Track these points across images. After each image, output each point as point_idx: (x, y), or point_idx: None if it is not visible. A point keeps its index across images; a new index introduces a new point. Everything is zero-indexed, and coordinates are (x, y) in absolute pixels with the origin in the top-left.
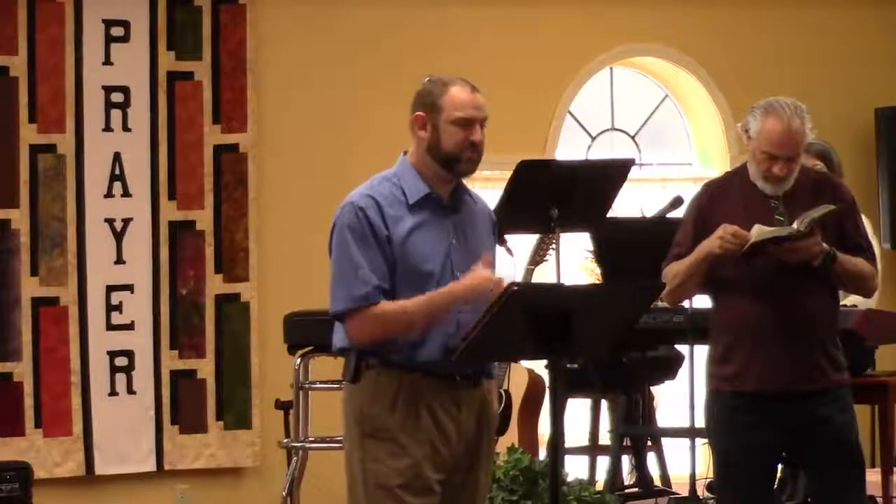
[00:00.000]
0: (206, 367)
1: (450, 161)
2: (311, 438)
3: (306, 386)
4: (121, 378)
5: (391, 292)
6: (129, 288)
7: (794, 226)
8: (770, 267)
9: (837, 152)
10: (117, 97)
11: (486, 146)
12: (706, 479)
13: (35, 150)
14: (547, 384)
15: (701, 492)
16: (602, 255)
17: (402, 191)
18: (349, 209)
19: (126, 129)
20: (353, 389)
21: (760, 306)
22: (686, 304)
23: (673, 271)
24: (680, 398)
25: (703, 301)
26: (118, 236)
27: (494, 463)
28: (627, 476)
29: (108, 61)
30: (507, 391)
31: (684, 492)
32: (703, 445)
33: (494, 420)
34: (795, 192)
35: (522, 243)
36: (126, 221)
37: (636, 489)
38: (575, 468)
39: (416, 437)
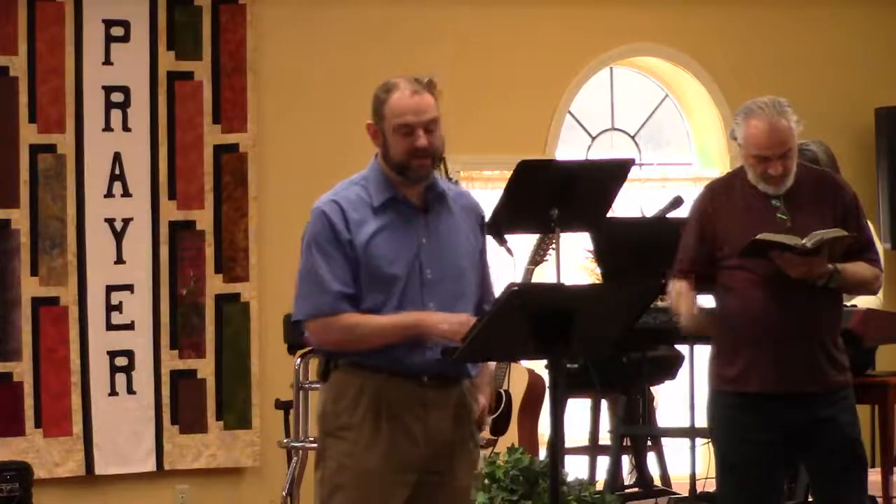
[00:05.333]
0: (206, 367)
1: (400, 169)
2: (311, 438)
3: (306, 386)
4: (121, 378)
5: (357, 296)
6: (129, 288)
7: (802, 241)
8: (773, 268)
9: (832, 150)
10: (117, 97)
11: (486, 146)
12: (706, 478)
13: (35, 150)
14: (547, 384)
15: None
16: (602, 255)
17: (368, 193)
18: (314, 215)
19: (126, 129)
20: (322, 388)
21: (763, 307)
22: None
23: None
24: (680, 398)
25: (703, 301)
26: (118, 236)
27: (494, 463)
28: (627, 476)
29: (108, 61)
30: (507, 391)
31: (684, 492)
32: (703, 445)
33: (473, 420)
34: (797, 190)
35: (522, 243)
36: (126, 221)
37: (636, 489)
38: (575, 468)
39: (374, 438)
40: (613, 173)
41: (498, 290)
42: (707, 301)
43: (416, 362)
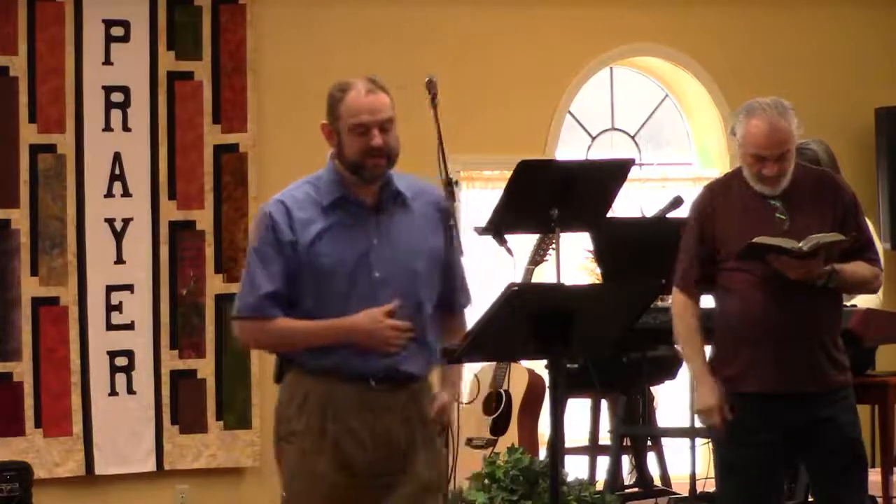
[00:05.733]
0: (206, 367)
1: (355, 168)
2: None
3: None
4: (121, 378)
5: (292, 297)
6: (129, 288)
7: (799, 245)
8: (772, 269)
9: (832, 151)
10: (117, 97)
11: (486, 146)
12: (706, 478)
13: (35, 150)
14: (547, 384)
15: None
16: (602, 255)
17: (319, 192)
18: (258, 216)
19: (126, 129)
20: (278, 390)
21: (762, 307)
22: None
23: (678, 325)
24: (680, 398)
25: (703, 301)
26: (118, 236)
27: (494, 463)
28: (627, 476)
29: (108, 61)
30: (507, 391)
31: (684, 492)
32: (703, 445)
33: (426, 420)
34: (796, 190)
35: (522, 243)
36: (126, 221)
37: (636, 489)
38: (575, 468)
39: (320, 444)
40: (613, 173)
41: (498, 290)
42: (707, 301)
43: (364, 366)
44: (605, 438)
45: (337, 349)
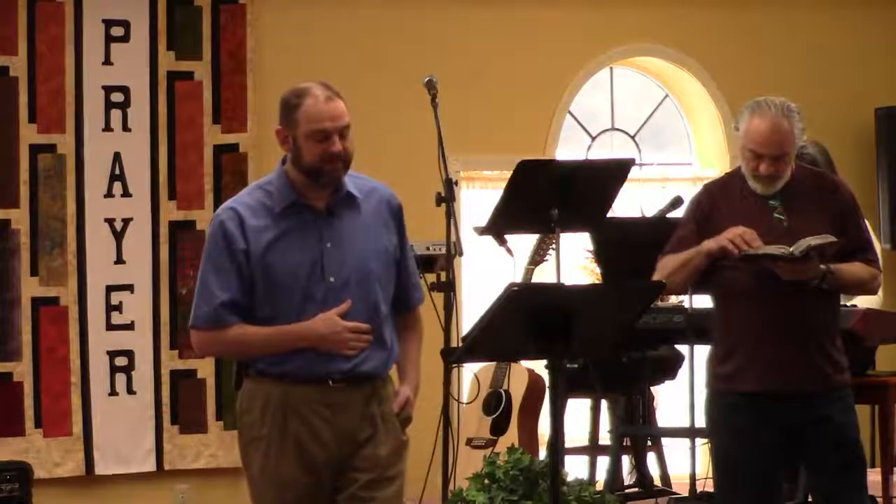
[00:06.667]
0: (206, 367)
1: (313, 174)
2: None
3: None
4: (121, 378)
5: (247, 305)
6: (129, 288)
7: (791, 249)
8: (769, 269)
9: (829, 152)
10: (117, 97)
11: (486, 146)
12: (706, 478)
13: (35, 150)
14: (547, 384)
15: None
16: (602, 255)
17: (271, 199)
18: (212, 224)
19: (126, 129)
20: (237, 397)
21: (761, 306)
22: (686, 304)
23: (668, 262)
24: (680, 398)
25: (703, 301)
26: (118, 236)
27: (494, 463)
28: (627, 476)
29: (108, 61)
30: (507, 391)
31: (684, 492)
32: (703, 445)
33: (388, 415)
34: (795, 190)
35: (522, 243)
36: (126, 221)
37: (636, 489)
38: (575, 468)
39: (283, 446)
40: (613, 173)
41: (498, 290)
42: (704, 301)
43: (323, 368)
44: (605, 438)
45: (293, 354)
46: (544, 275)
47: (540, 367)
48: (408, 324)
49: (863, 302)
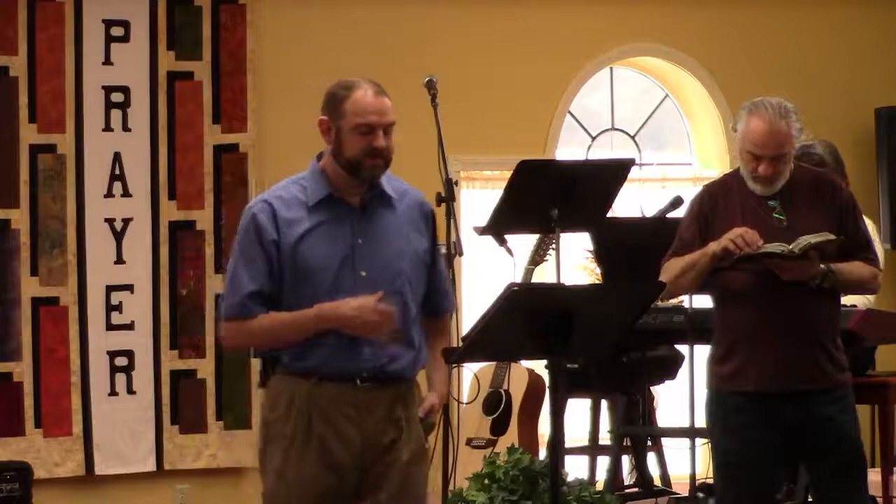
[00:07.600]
0: (206, 367)
1: (353, 167)
2: None
3: None
4: (121, 378)
5: (276, 296)
6: (129, 288)
7: (790, 247)
8: (769, 268)
9: (838, 152)
10: (117, 97)
11: (486, 146)
12: (706, 479)
13: (35, 150)
14: (547, 384)
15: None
16: (602, 255)
17: (305, 192)
18: (244, 216)
19: (126, 129)
20: (262, 394)
21: (761, 306)
22: (686, 304)
23: (673, 265)
24: (680, 398)
25: (703, 301)
26: (118, 236)
27: (494, 463)
28: (627, 476)
29: (108, 61)
30: (507, 391)
31: (684, 492)
32: (703, 445)
33: (413, 418)
34: (794, 190)
35: (522, 243)
36: (126, 221)
37: (636, 489)
38: (575, 468)
39: (306, 445)
40: (613, 173)
41: (498, 290)
42: (704, 301)
43: (349, 365)
44: (605, 438)
45: (320, 349)
46: (544, 275)
47: (540, 367)
48: (437, 331)
49: (859, 304)
